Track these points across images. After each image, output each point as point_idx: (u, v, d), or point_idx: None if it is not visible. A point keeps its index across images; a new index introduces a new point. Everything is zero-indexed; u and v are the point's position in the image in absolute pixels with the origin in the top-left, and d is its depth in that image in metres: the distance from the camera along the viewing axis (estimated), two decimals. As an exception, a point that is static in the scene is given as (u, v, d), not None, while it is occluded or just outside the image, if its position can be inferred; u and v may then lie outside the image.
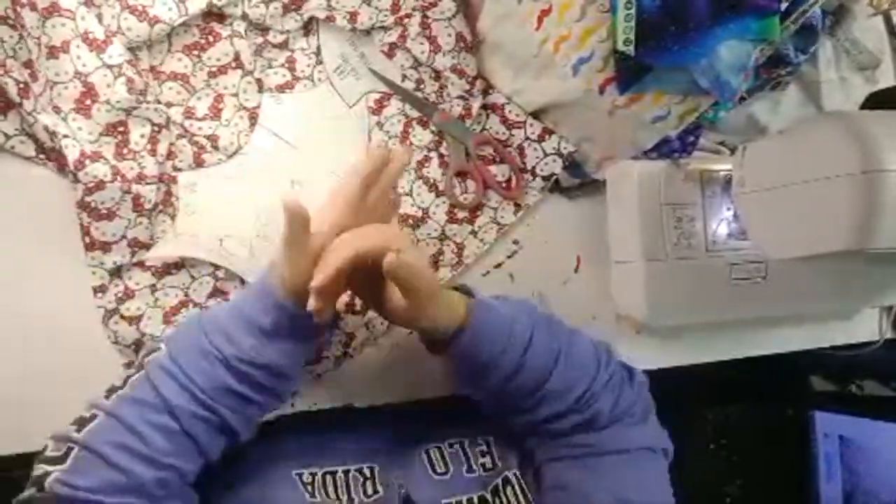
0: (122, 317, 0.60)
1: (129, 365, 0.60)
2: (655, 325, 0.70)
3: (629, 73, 0.58)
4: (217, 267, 0.62)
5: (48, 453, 0.47)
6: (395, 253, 0.46)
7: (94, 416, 0.48)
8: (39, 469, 0.46)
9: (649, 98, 0.61)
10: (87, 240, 0.58)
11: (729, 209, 0.68)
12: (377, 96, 0.68)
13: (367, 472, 0.59)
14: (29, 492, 0.46)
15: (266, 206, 0.64)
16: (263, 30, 0.64)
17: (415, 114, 0.68)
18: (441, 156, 0.69)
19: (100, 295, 0.60)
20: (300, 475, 0.57)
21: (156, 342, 0.52)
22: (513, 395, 0.54)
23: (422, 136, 0.69)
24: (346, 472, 0.58)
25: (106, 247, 0.58)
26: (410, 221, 0.68)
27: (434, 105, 0.68)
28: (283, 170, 0.65)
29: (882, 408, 1.09)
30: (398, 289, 0.50)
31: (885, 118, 0.52)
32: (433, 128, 0.69)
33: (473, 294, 0.55)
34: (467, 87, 0.66)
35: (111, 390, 0.50)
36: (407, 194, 0.68)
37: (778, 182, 0.56)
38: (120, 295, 0.60)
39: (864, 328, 0.85)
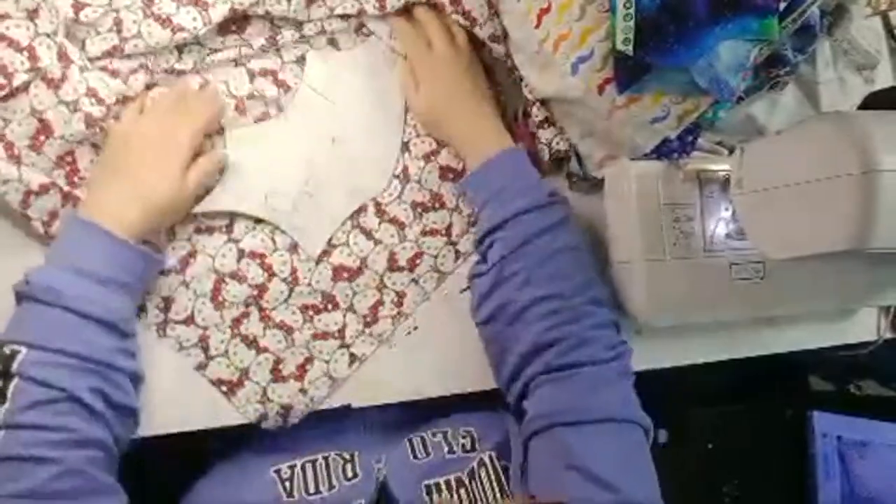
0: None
1: None
2: (655, 325, 0.70)
3: (628, 72, 0.58)
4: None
5: None
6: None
7: None
8: None
9: (648, 98, 0.61)
10: None
11: (727, 209, 0.68)
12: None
13: (347, 455, 0.59)
14: None
15: (308, 161, 0.67)
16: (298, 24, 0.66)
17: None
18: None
19: None
20: (278, 471, 0.57)
21: (4, 349, 0.50)
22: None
23: None
24: (326, 458, 0.59)
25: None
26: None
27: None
28: (325, 127, 0.67)
29: (881, 408, 1.09)
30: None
31: (883, 118, 0.52)
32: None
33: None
34: None
35: None
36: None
37: (776, 182, 0.56)
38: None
39: (863, 328, 0.85)
